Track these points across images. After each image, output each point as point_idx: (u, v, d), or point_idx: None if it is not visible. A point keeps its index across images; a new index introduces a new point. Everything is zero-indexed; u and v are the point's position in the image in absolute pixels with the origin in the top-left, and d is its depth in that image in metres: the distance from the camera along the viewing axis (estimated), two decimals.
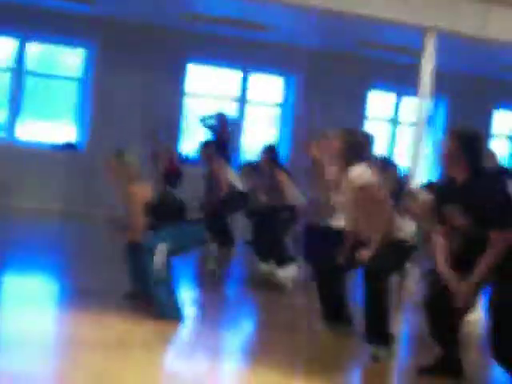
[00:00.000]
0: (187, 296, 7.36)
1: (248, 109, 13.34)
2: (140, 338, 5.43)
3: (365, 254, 5.59)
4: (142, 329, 5.63)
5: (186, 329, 5.95)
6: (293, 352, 5.46)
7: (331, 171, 5.93)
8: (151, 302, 5.98)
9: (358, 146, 5.71)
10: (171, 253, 5.95)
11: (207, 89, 13.17)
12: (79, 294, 6.58)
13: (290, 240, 8.78)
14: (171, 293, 6.00)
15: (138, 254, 6.06)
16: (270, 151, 9.22)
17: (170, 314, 5.94)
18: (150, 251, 5.87)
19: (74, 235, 10.44)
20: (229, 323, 6.55)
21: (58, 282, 7.43)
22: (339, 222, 6.58)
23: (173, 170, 10.81)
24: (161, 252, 5.87)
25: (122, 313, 5.93)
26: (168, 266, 5.93)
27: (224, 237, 9.64)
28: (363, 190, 5.55)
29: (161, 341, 5.62)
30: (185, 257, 6.44)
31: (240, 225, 9.95)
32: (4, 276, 7.18)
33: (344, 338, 5.91)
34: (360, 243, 5.72)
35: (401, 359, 5.89)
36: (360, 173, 5.60)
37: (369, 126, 13.16)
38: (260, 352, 5.49)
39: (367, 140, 5.95)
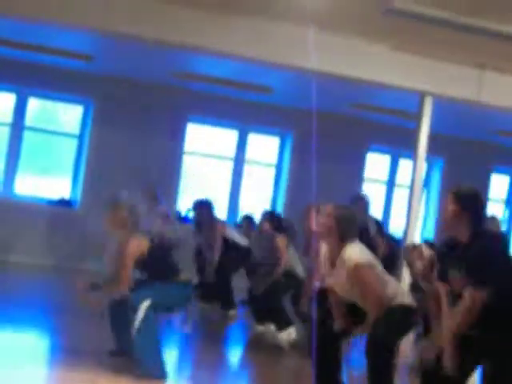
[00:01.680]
0: (180, 356, 7.31)
1: (245, 168, 13.41)
2: None
3: (359, 330, 5.55)
4: None
5: None
6: None
7: (323, 251, 5.85)
8: (135, 360, 5.92)
9: (349, 223, 5.64)
10: (155, 309, 5.90)
11: (205, 148, 13.24)
12: (67, 352, 6.52)
13: (289, 303, 8.66)
14: (154, 350, 5.92)
15: (121, 311, 6.01)
16: (271, 216, 9.22)
17: (152, 371, 5.86)
18: (134, 308, 5.83)
19: (66, 291, 10.35)
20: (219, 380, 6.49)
21: (47, 338, 7.36)
22: None
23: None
24: (144, 308, 5.82)
25: (109, 371, 5.85)
26: (151, 323, 5.86)
27: (229, 299, 9.64)
28: (357, 269, 5.47)
29: None
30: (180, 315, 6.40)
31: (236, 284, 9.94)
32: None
33: None
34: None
35: None
36: (356, 251, 5.55)
37: (366, 188, 13.22)
38: None
39: (356, 216, 5.86)
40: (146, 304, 5.83)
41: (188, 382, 6.31)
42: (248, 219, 10.28)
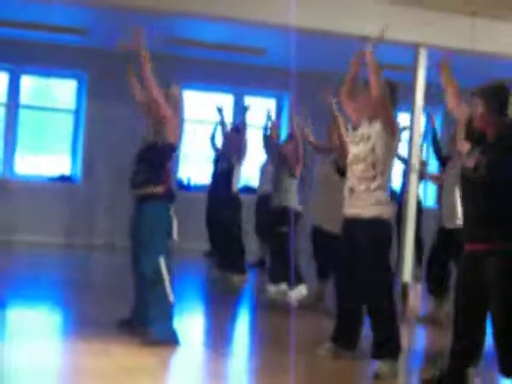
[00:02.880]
0: (192, 319, 7.37)
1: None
2: (143, 365, 5.39)
3: None
4: (144, 356, 5.61)
5: (192, 354, 5.93)
6: (297, 375, 5.44)
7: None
8: (147, 326, 5.96)
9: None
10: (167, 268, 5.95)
11: (200, 114, 13.20)
12: (80, 324, 6.58)
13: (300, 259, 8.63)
14: (167, 315, 5.97)
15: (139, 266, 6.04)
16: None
17: (164, 337, 5.91)
18: (155, 272, 5.88)
19: (74, 266, 10.44)
20: (233, 347, 6.54)
21: (58, 313, 7.41)
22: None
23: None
24: (163, 267, 5.89)
25: (124, 341, 5.91)
26: (164, 288, 5.92)
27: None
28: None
29: (164, 367, 5.61)
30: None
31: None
32: (7, 309, 7.17)
33: (348, 361, 5.88)
34: None
35: (404, 376, 5.86)
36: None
37: None
38: (265, 376, 5.45)
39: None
40: (161, 263, 5.90)
41: (201, 348, 6.36)
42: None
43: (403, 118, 11.10)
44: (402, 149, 9.16)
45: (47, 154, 13.18)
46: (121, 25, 10.26)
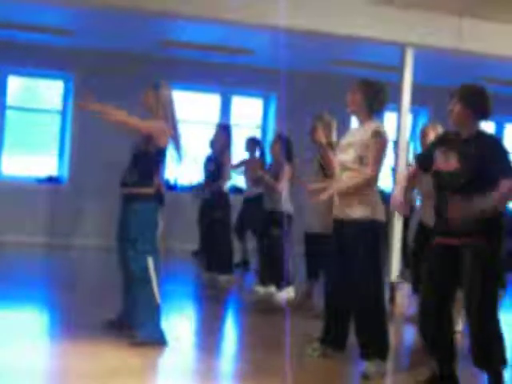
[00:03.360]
0: (180, 319, 7.36)
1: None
2: (131, 367, 5.38)
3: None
4: (132, 357, 5.59)
5: (179, 355, 5.92)
6: (286, 376, 5.42)
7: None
8: (134, 327, 5.95)
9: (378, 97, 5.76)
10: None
11: (189, 115, 13.19)
12: (67, 325, 6.56)
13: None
14: (154, 315, 5.96)
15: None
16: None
17: (152, 337, 5.90)
18: (142, 272, 5.88)
19: (60, 267, 10.41)
20: (222, 348, 6.54)
21: (46, 314, 7.39)
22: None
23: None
24: (151, 266, 5.89)
25: (112, 342, 5.89)
26: (151, 287, 5.91)
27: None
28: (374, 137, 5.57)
29: (153, 368, 5.60)
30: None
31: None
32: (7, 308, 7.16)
33: (336, 360, 5.89)
34: None
35: (393, 376, 5.86)
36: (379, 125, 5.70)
37: None
38: (254, 377, 5.42)
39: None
40: (150, 263, 5.90)
41: (190, 348, 6.35)
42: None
43: (390, 118, 11.14)
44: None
45: (34, 155, 13.13)
46: (108, 26, 10.29)
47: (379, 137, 5.59)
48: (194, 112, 13.26)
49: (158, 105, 6.30)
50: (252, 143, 10.57)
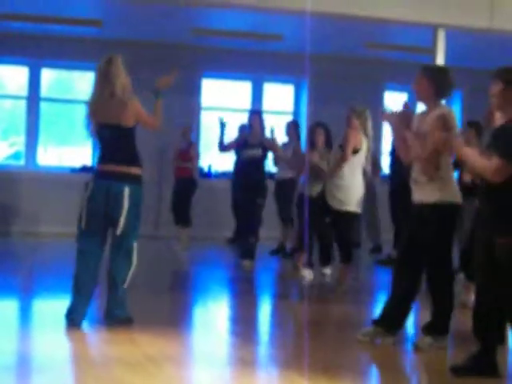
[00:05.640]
0: (217, 307, 7.40)
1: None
2: (169, 354, 5.39)
3: None
4: (168, 344, 5.63)
5: (216, 341, 5.95)
6: (329, 361, 5.42)
7: None
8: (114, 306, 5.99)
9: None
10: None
11: (221, 102, 13.23)
12: (98, 313, 6.63)
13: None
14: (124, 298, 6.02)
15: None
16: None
17: (124, 314, 5.97)
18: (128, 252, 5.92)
19: None
20: (259, 334, 6.54)
21: None
22: None
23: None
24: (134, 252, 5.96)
25: (148, 330, 5.94)
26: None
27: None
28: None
29: (189, 355, 5.63)
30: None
31: None
32: (33, 300, 7.23)
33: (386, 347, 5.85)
34: None
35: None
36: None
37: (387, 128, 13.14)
38: (292, 364, 5.34)
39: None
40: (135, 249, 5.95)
41: (226, 335, 6.37)
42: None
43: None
44: None
45: (69, 146, 13.25)
46: (138, 15, 10.32)
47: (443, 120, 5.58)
48: (226, 99, 13.29)
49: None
50: (293, 127, 10.52)
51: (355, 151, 7.94)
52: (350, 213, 7.93)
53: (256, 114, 9.95)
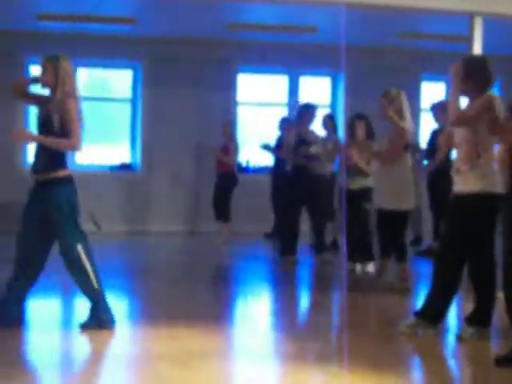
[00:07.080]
0: (257, 301, 7.40)
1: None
2: (211, 349, 5.42)
3: None
4: (210, 339, 5.65)
5: (256, 336, 5.94)
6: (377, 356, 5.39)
7: None
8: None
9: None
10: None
11: (258, 96, 13.22)
12: (144, 310, 6.66)
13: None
14: (98, 300, 5.87)
15: None
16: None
17: (101, 320, 5.82)
18: (73, 257, 5.78)
19: (135, 253, 10.56)
20: (300, 329, 6.52)
21: (125, 300, 7.49)
22: None
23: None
24: (82, 254, 5.80)
25: (188, 326, 5.96)
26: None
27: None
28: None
29: (231, 350, 5.64)
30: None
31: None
32: (73, 298, 7.28)
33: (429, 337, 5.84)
34: None
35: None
36: None
37: (424, 118, 13.03)
38: (333, 358, 5.35)
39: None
40: (80, 249, 5.79)
41: (266, 329, 6.36)
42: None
43: None
44: None
45: (107, 144, 13.33)
46: (172, 11, 10.34)
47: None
48: (263, 94, 13.28)
49: (59, 79, 5.74)
50: (329, 120, 10.47)
51: (406, 147, 7.69)
52: (404, 212, 7.68)
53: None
